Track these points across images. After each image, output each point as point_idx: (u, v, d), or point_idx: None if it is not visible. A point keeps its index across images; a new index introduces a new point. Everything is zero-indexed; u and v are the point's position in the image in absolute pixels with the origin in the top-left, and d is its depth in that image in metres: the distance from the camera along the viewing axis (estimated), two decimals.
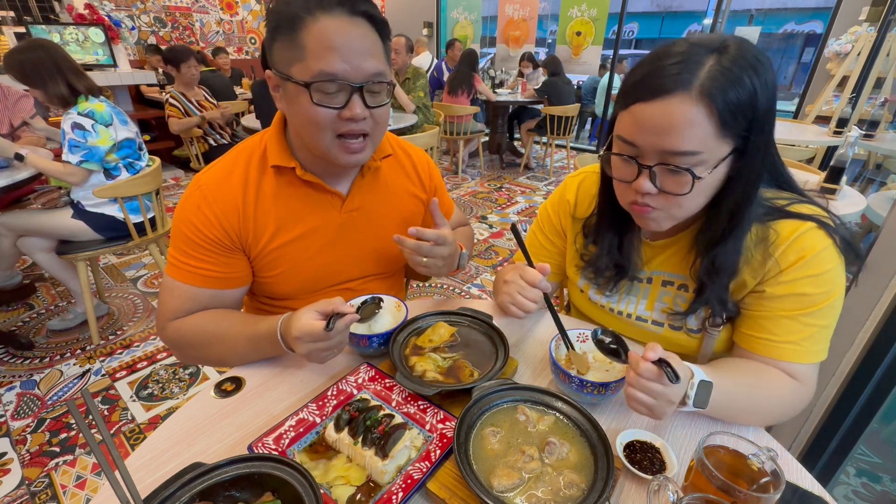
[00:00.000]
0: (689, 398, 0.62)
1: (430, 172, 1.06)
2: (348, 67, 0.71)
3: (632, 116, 0.63)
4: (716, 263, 0.71)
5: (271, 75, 0.76)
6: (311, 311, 0.71)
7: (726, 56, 0.59)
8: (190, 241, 0.82)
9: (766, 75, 0.60)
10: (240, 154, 0.87)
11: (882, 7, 3.62)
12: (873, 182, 3.74)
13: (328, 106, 0.73)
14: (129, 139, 2.04)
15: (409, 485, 0.58)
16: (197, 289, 0.83)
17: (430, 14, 6.92)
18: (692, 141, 0.60)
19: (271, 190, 0.85)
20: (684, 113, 0.59)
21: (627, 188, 0.69)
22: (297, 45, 0.70)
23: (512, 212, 4.08)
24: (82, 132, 1.85)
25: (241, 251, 0.87)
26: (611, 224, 0.83)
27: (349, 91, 0.73)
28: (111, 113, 1.95)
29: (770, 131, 0.64)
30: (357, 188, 0.92)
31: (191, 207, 0.82)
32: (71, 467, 1.57)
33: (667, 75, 0.59)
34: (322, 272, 0.94)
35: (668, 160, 0.62)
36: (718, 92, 0.58)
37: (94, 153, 1.90)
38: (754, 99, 0.59)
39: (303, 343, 0.70)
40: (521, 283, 0.82)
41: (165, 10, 5.65)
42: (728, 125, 0.60)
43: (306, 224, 0.89)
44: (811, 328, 0.70)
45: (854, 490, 1.24)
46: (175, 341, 0.84)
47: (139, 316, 2.43)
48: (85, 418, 1.52)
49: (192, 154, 3.51)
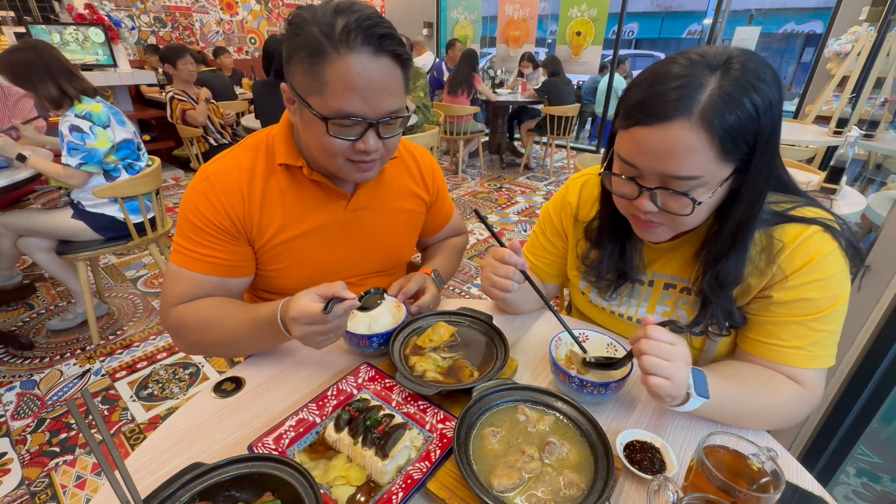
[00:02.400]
0: (690, 387, 0.62)
1: (433, 174, 1.07)
2: (367, 108, 0.71)
3: (632, 139, 0.63)
4: (720, 278, 0.71)
5: (287, 90, 0.77)
6: (311, 293, 0.71)
7: (728, 77, 0.57)
8: (196, 228, 0.82)
9: (771, 94, 0.58)
10: (247, 147, 0.88)
11: (882, 7, 3.63)
12: (873, 182, 3.74)
13: (343, 138, 0.74)
14: (128, 140, 2.03)
15: (409, 485, 0.58)
16: (202, 276, 0.84)
17: (430, 14, 6.92)
18: (693, 166, 0.60)
19: (278, 186, 0.86)
20: (685, 139, 0.58)
21: (628, 203, 0.69)
22: (319, 78, 0.70)
23: (512, 212, 4.08)
24: (80, 134, 1.84)
25: (246, 241, 0.87)
26: (612, 230, 0.82)
27: (365, 126, 0.74)
28: (108, 114, 1.94)
29: (774, 150, 0.62)
30: (362, 188, 0.93)
31: (197, 196, 0.82)
32: (71, 467, 1.57)
33: (668, 100, 0.58)
34: (325, 268, 0.95)
35: (668, 184, 0.62)
36: (719, 119, 0.57)
37: (93, 155, 1.89)
38: (756, 123, 0.58)
39: (299, 324, 0.69)
40: (493, 263, 0.81)
41: (165, 10, 5.65)
42: (729, 151, 0.59)
43: (311, 221, 0.90)
44: (819, 333, 0.69)
45: (854, 490, 1.24)
46: (177, 326, 0.84)
47: (139, 316, 2.43)
48: (85, 418, 1.52)
49: (192, 154, 3.51)
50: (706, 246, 0.73)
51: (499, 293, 0.81)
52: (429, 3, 6.86)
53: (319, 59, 0.69)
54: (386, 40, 0.70)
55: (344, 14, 0.69)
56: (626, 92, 0.65)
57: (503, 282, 0.79)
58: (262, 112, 2.88)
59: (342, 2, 0.71)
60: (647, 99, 0.60)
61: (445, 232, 1.18)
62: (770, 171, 0.63)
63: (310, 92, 0.72)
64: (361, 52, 0.69)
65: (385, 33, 0.70)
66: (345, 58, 0.68)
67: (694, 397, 0.62)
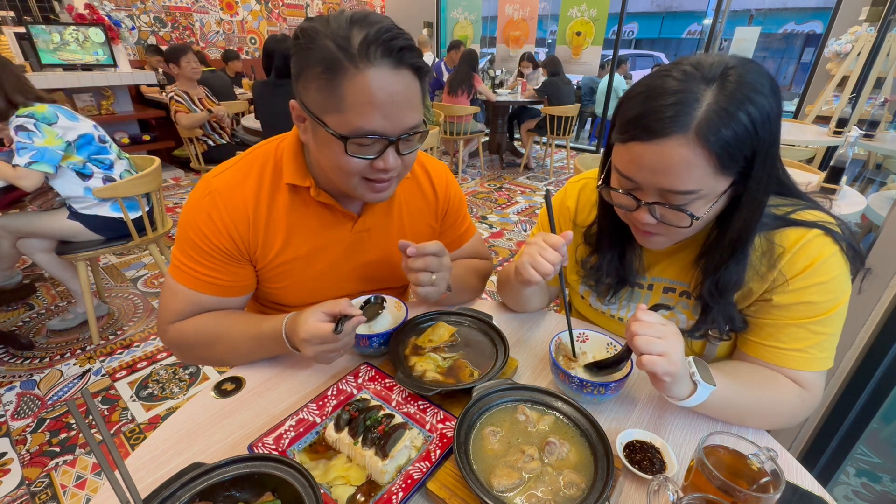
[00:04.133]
0: (694, 374, 0.62)
1: (447, 193, 1.00)
2: (388, 124, 0.68)
3: (629, 154, 0.63)
4: (720, 284, 0.70)
5: (298, 107, 0.73)
6: (318, 312, 0.70)
7: (724, 91, 0.57)
8: (197, 247, 0.80)
9: (768, 105, 0.58)
10: (254, 162, 0.84)
11: (882, 7, 3.63)
12: (873, 182, 3.75)
13: (361, 157, 0.70)
14: (85, 134, 1.95)
15: (409, 485, 0.58)
16: (201, 295, 0.82)
17: (430, 14, 6.92)
18: (690, 181, 0.60)
19: (284, 206, 0.84)
20: (681, 155, 0.58)
21: (628, 214, 0.70)
22: (336, 95, 0.65)
23: (512, 212, 4.08)
24: (26, 133, 1.79)
25: (248, 261, 0.86)
26: (611, 236, 0.82)
27: (385, 144, 0.70)
28: (55, 112, 1.87)
29: (773, 160, 0.62)
30: (369, 209, 0.90)
31: (200, 213, 0.79)
32: (71, 467, 1.57)
33: (663, 117, 0.57)
34: (327, 287, 0.93)
35: (666, 198, 0.63)
36: (714, 135, 0.56)
37: (44, 154, 1.81)
38: (754, 136, 0.58)
39: (311, 345, 0.70)
40: (543, 244, 0.76)
41: (165, 10, 5.65)
42: (726, 165, 0.59)
43: (315, 241, 0.88)
44: (819, 336, 0.69)
45: (854, 490, 1.24)
46: (177, 343, 0.84)
47: (139, 316, 2.43)
48: (85, 418, 1.52)
49: (192, 154, 3.51)
50: (706, 253, 0.72)
51: (534, 274, 0.76)
52: (429, 3, 6.85)
53: (337, 75, 0.64)
54: (406, 53, 0.66)
55: (361, 26, 0.65)
56: (620, 105, 0.65)
57: (546, 265, 0.75)
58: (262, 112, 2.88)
59: (356, 12, 0.67)
60: (642, 115, 0.60)
61: (461, 253, 1.09)
62: (769, 179, 0.63)
63: (326, 110, 0.68)
64: (382, 67, 0.65)
65: (405, 45, 0.66)
66: (364, 73, 0.64)
67: (701, 384, 0.62)
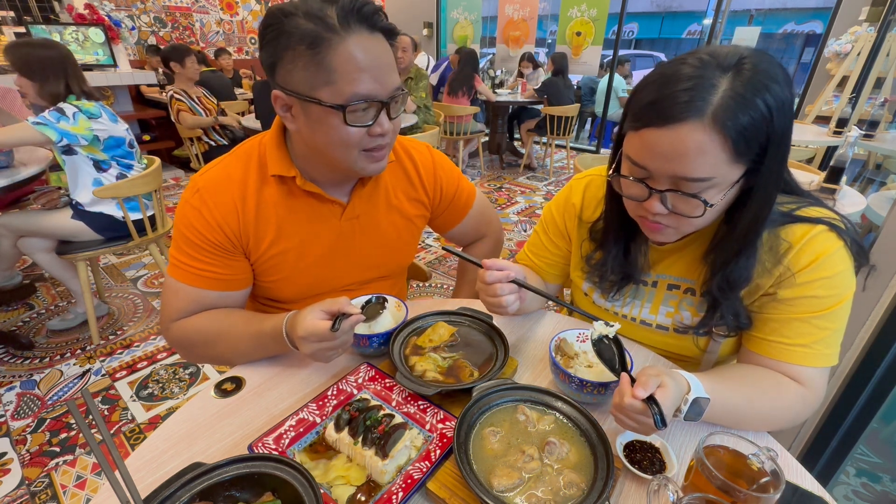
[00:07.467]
0: (680, 412, 0.60)
1: (433, 172, 1.02)
2: (378, 86, 0.71)
3: (642, 140, 0.62)
4: (730, 280, 0.70)
5: (282, 95, 0.73)
6: (316, 310, 0.71)
7: (740, 78, 0.57)
8: (192, 244, 0.81)
9: (783, 94, 0.57)
10: (239, 158, 0.85)
11: (882, 7, 3.62)
12: (873, 182, 3.74)
13: (359, 125, 0.73)
14: (117, 136, 1.99)
15: (409, 485, 0.58)
16: (201, 290, 0.83)
17: (430, 14, 6.91)
18: (704, 168, 0.59)
19: (272, 198, 0.85)
20: (696, 141, 0.57)
21: (637, 205, 0.69)
22: (324, 68, 0.68)
23: (512, 212, 4.08)
24: (58, 114, 1.81)
25: (242, 254, 0.86)
26: (617, 232, 0.82)
27: (377, 107, 0.73)
28: (101, 110, 1.93)
29: (784, 153, 0.62)
30: (357, 196, 0.91)
31: (190, 210, 0.81)
32: (71, 467, 1.57)
33: (679, 102, 0.57)
34: (322, 277, 0.94)
35: (679, 185, 0.62)
36: (731, 120, 0.56)
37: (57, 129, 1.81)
38: (769, 124, 0.57)
39: (308, 343, 0.70)
40: (480, 286, 0.82)
41: (165, 10, 5.65)
42: (742, 152, 0.58)
43: (306, 232, 0.89)
44: (824, 331, 0.69)
45: (854, 490, 1.23)
46: (179, 341, 0.84)
47: (139, 316, 2.43)
48: (85, 418, 1.52)
49: (192, 154, 3.51)
50: (715, 249, 0.72)
51: (501, 311, 0.82)
52: (429, 3, 6.85)
53: (321, 49, 0.67)
54: (376, 16, 0.71)
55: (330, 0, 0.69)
56: (634, 94, 0.64)
57: (497, 300, 0.80)
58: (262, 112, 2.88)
59: None
60: (657, 101, 0.59)
61: (470, 218, 1.10)
62: (780, 172, 0.63)
63: (316, 86, 0.69)
64: (361, 32, 0.69)
65: (375, 9, 0.70)
66: (346, 40, 0.67)
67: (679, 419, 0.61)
